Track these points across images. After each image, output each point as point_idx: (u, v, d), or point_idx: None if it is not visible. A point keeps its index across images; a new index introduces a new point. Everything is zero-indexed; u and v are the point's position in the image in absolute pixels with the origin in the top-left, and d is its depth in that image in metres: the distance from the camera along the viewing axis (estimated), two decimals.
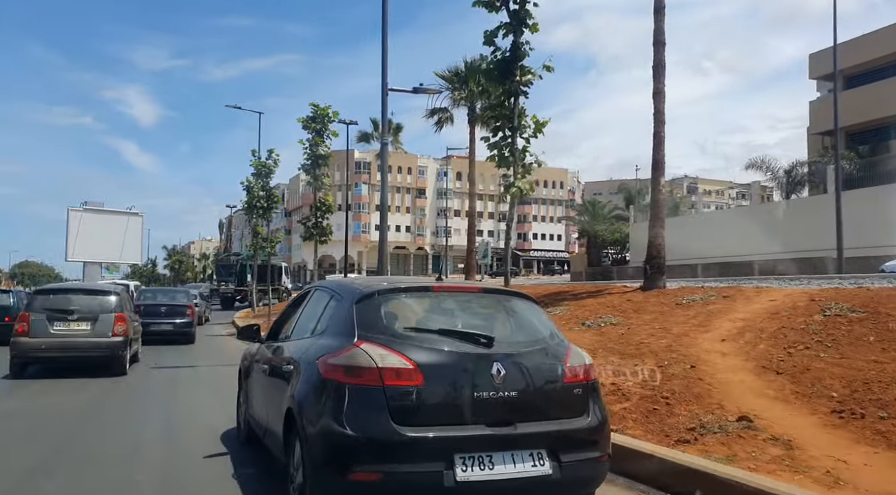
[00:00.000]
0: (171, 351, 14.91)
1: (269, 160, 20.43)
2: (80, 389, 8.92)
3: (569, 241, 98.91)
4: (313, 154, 14.79)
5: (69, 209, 35.35)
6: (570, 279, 45.66)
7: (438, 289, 3.82)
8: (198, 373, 10.95)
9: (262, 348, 5.26)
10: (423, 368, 3.14)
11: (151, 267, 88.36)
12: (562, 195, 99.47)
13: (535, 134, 8.94)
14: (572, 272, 51.61)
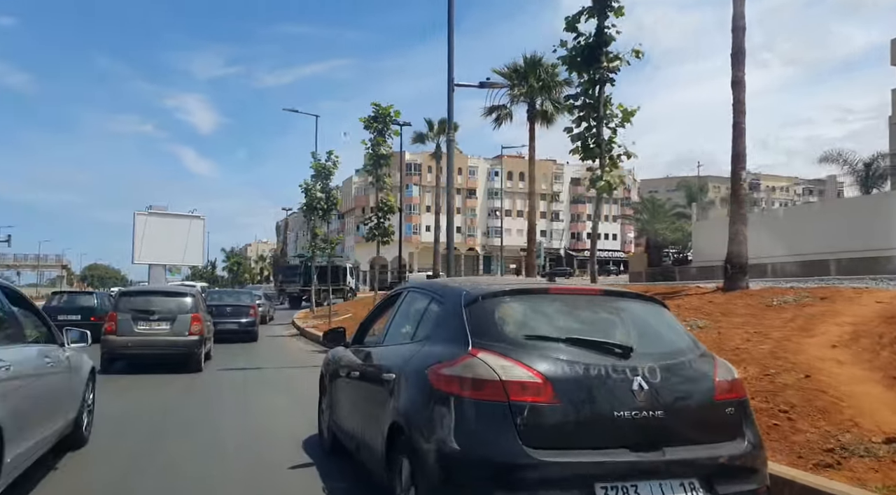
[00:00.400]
0: (236, 350, 15.01)
1: (328, 161, 20.51)
2: (161, 385, 9.35)
3: (625, 241, 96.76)
4: (375, 154, 14.60)
5: (135, 213, 36.55)
6: (628, 280, 44.37)
7: (555, 290, 3.44)
8: (266, 375, 10.88)
9: (348, 353, 5.00)
10: (552, 382, 2.77)
11: (211, 269, 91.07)
12: (617, 193, 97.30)
13: (623, 123, 8.39)
14: (631, 272, 50.11)
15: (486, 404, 2.76)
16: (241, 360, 13.30)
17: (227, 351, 15.13)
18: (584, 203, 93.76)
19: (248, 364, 12.59)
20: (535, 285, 3.55)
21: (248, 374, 10.98)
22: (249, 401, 8.22)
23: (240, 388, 9.41)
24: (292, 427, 6.61)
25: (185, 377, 10.33)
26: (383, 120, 14.52)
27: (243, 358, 13.90)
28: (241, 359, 13.66)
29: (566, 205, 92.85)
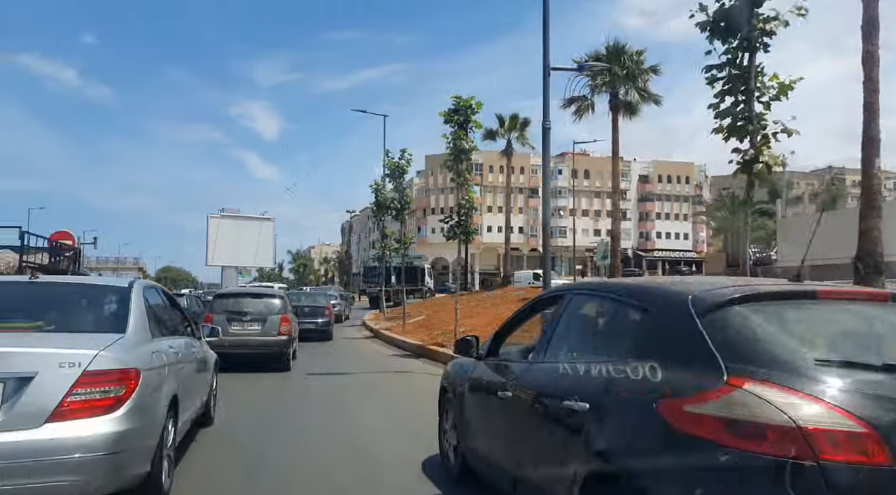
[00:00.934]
0: (315, 351, 14.60)
1: (401, 160, 19.99)
2: (253, 386, 9.22)
3: (696, 241, 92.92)
4: (456, 148, 13.85)
5: (209, 216, 37.36)
6: None
7: (826, 294, 2.52)
8: (354, 381, 10.29)
9: (484, 368, 4.23)
10: (884, 433, 1.88)
11: (278, 270, 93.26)
12: (688, 190, 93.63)
13: (779, 96, 7.23)
14: (708, 273, 47.86)
15: (774, 462, 1.89)
16: (323, 363, 12.82)
17: (306, 351, 14.75)
18: (652, 201, 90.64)
19: (333, 367, 12.08)
20: (793, 287, 2.63)
21: (336, 380, 10.44)
22: (346, 412, 7.59)
23: (331, 395, 8.84)
24: (399, 445, 5.91)
25: (275, 379, 10.16)
26: (464, 112, 13.76)
27: (325, 360, 13.44)
28: (323, 361, 13.19)
29: (634, 203, 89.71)
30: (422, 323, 20.71)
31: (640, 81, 19.43)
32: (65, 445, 3.08)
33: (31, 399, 3.11)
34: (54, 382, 3.16)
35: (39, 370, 3.16)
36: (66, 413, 3.14)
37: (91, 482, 3.16)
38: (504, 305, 20.85)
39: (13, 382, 3.13)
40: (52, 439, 3.07)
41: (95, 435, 3.15)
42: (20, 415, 3.08)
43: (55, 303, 4.24)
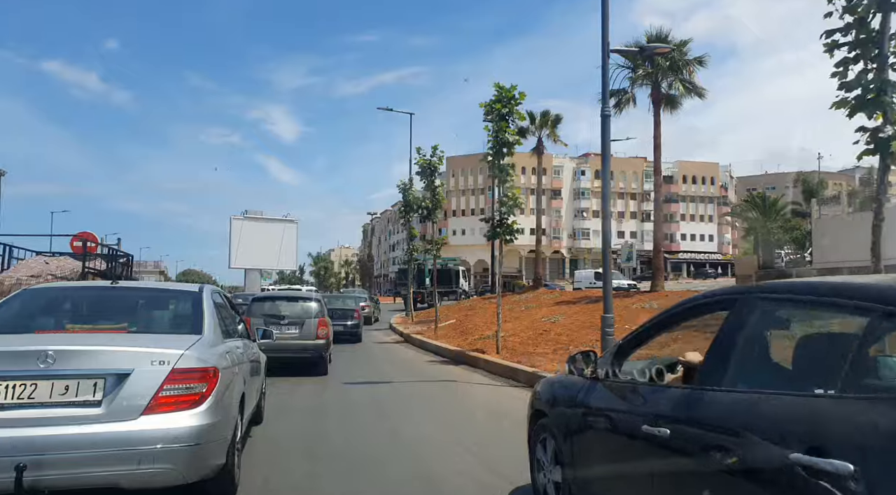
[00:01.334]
0: (348, 357, 13.84)
1: (433, 157, 19.20)
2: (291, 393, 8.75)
3: (721, 242, 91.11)
4: (498, 142, 12.98)
5: (231, 217, 36.84)
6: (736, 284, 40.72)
7: None
8: (398, 392, 9.45)
9: (607, 391, 3.36)
10: None
11: (299, 273, 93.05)
12: (713, 191, 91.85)
13: None
14: (738, 276, 46.08)
15: None
16: (359, 370, 12.03)
17: (337, 356, 14.00)
18: (676, 202, 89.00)
19: (370, 375, 11.28)
20: None
21: (376, 391, 9.61)
22: (399, 432, 6.75)
23: (377, 409, 8.02)
24: (474, 472, 5.06)
25: (312, 387, 9.56)
26: (507, 103, 12.91)
27: (360, 367, 12.65)
28: (357, 368, 12.40)
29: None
30: (454, 327, 19.88)
31: (685, 72, 18.40)
32: (158, 436, 3.37)
33: (129, 393, 3.40)
34: (148, 378, 3.45)
35: (135, 367, 3.45)
36: (158, 406, 3.43)
37: (179, 471, 3.43)
38: (540, 308, 19.93)
39: (112, 378, 3.41)
40: (147, 430, 3.35)
41: (183, 427, 3.44)
42: (120, 408, 3.36)
43: (135, 307, 4.65)
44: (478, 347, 14.01)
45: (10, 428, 3.17)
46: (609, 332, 9.12)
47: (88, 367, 3.40)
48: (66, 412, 3.29)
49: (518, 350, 13.00)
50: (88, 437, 3.26)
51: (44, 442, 3.18)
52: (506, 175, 13.18)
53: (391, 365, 13.51)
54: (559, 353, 11.69)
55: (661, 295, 17.79)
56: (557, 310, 18.29)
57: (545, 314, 18.09)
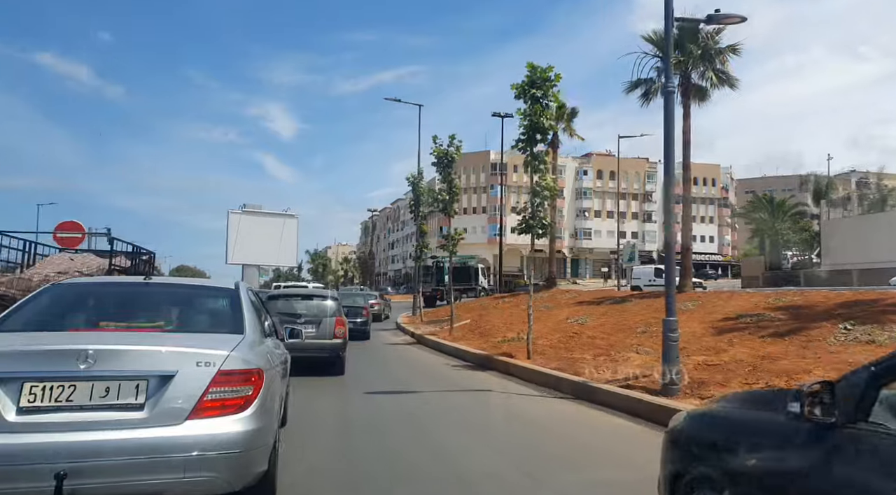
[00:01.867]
0: (362, 360, 12.68)
1: (450, 147, 18.02)
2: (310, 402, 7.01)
3: (722, 243, 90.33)
4: (532, 126, 11.85)
5: (229, 211, 35.42)
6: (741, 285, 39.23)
7: None
8: (429, 405, 8.27)
9: (862, 446, 2.19)
10: None
11: (297, 270, 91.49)
12: (714, 193, 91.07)
13: None
14: (744, 277, 45.08)
15: None
16: (377, 376, 10.90)
17: (351, 360, 12.86)
18: (678, 203, 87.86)
19: (392, 383, 10.16)
20: None
21: (404, 402, 8.45)
22: (450, 457, 5.59)
23: (414, 427, 6.85)
24: None
25: (331, 396, 8.50)
26: (541, 85, 11.78)
27: (377, 372, 11.50)
28: (375, 373, 11.26)
29: (660, 205, 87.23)
30: (470, 328, 18.74)
31: (718, 61, 17.24)
32: (205, 442, 3.13)
33: (174, 396, 3.16)
34: (193, 380, 3.21)
35: (179, 368, 3.21)
36: (204, 411, 3.20)
37: (225, 479, 3.19)
38: (561, 309, 18.81)
39: (156, 380, 3.17)
40: (194, 436, 3.11)
41: (230, 433, 3.20)
42: (165, 412, 3.12)
43: (170, 304, 4.37)
44: (504, 351, 12.87)
45: (49, 433, 2.95)
46: (673, 338, 7.99)
47: (131, 368, 3.16)
48: (108, 416, 3.07)
49: (551, 355, 11.87)
50: (131, 443, 3.02)
51: (84, 448, 2.95)
52: (540, 163, 12.04)
53: (410, 370, 12.36)
54: (601, 360, 10.57)
55: (691, 296, 16.69)
56: (581, 310, 17.16)
57: (568, 315, 16.97)
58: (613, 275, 75.58)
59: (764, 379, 7.57)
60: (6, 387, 3.00)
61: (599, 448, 6.11)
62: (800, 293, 13.84)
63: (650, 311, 15.26)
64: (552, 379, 9.61)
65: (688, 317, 13.46)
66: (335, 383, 9.95)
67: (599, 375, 9.32)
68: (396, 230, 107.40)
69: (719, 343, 10.44)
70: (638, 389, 8.15)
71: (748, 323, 11.55)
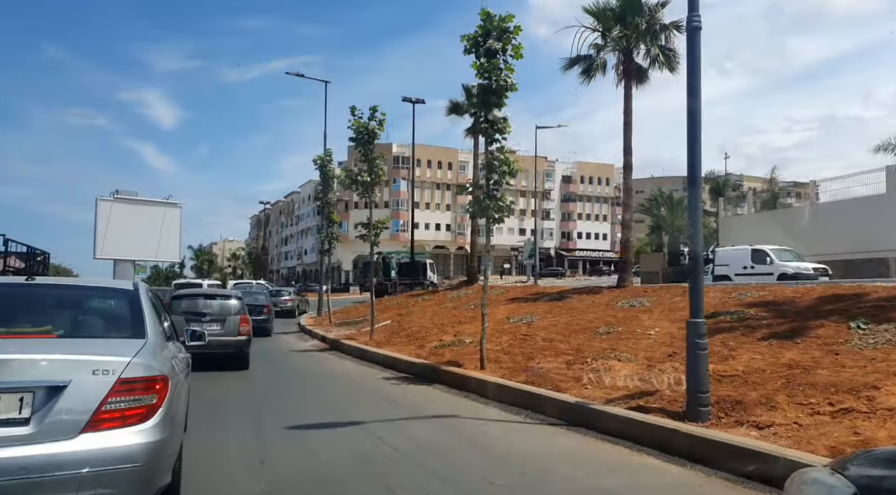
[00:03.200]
0: (274, 373, 10.09)
1: (371, 121, 15.58)
2: (210, 442, 4.40)
3: (615, 241, 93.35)
4: (487, 88, 9.74)
5: (98, 198, 30.33)
6: (640, 281, 39.28)
7: None
8: (389, 447, 5.89)
9: None
10: None
11: (180, 267, 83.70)
12: (607, 192, 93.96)
13: None
14: (643, 272, 45.57)
15: None
16: (301, 401, 8.40)
17: (258, 370, 10.22)
18: (574, 201, 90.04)
19: (325, 411, 7.71)
20: None
21: (351, 442, 6.02)
22: None
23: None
24: None
25: (246, 439, 5.76)
26: (499, 35, 9.69)
27: (300, 395, 8.97)
28: (298, 396, 8.73)
29: (557, 203, 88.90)
30: (392, 329, 16.40)
31: (663, 37, 15.98)
32: (102, 457, 2.89)
33: (66, 408, 2.93)
34: (89, 390, 2.98)
35: (73, 378, 2.98)
36: (101, 423, 2.97)
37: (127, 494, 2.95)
38: (493, 307, 16.86)
39: (43, 392, 2.93)
40: (88, 450, 2.88)
41: (131, 445, 2.97)
42: (55, 426, 2.89)
43: (59, 307, 4.08)
44: (448, 359, 10.72)
45: None
46: (701, 346, 6.13)
47: (13, 380, 2.90)
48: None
49: (507, 363, 9.84)
50: (15, 462, 2.76)
51: None
52: (497, 131, 9.94)
53: (337, 387, 9.90)
54: (577, 368, 8.67)
55: (637, 291, 15.35)
56: (520, 308, 15.33)
57: (507, 313, 15.09)
58: (514, 271, 75.79)
59: (820, 398, 5.88)
60: None
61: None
62: (759, 288, 12.73)
63: (600, 309, 13.70)
64: (525, 396, 7.60)
65: (651, 315, 11.94)
66: (242, 409, 7.35)
67: (588, 392, 7.39)
68: (291, 225, 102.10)
69: (713, 346, 8.82)
70: (654, 412, 6.26)
71: (732, 322, 10.13)
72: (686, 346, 6.30)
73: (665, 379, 7.48)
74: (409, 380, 10.14)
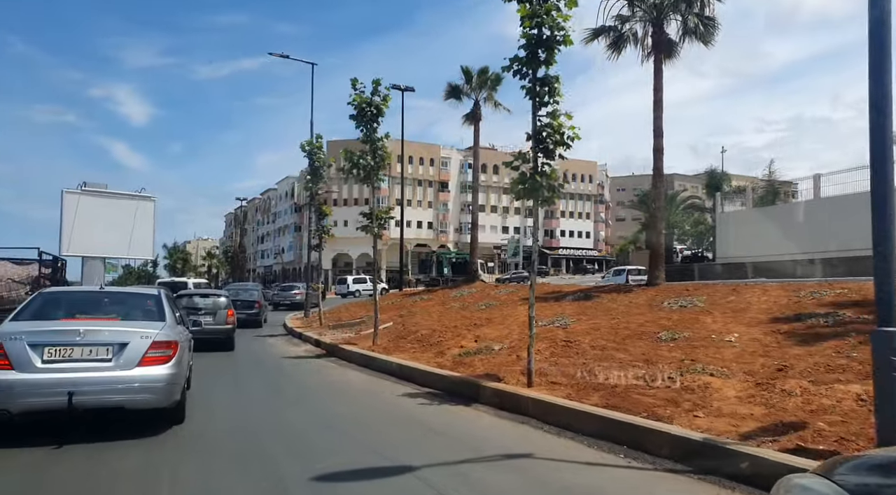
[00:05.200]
0: (268, 387, 8.15)
1: (374, 96, 13.01)
2: None
3: (598, 239, 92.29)
4: (537, 36, 7.92)
5: (64, 191, 27.58)
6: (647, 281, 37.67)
7: None
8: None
9: None
10: None
11: (152, 266, 79.94)
12: (591, 189, 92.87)
13: None
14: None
15: None
16: (318, 430, 6.54)
17: (258, 386, 8.29)
18: None
19: (354, 449, 5.88)
20: None
21: None
22: None
23: None
24: None
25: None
26: None
27: (313, 420, 7.09)
28: (311, 422, 6.85)
29: None
30: (397, 332, 14.50)
31: (698, 6, 14.26)
32: (146, 378, 5.74)
33: (127, 354, 5.71)
34: (138, 346, 5.78)
35: (130, 340, 5.78)
36: (145, 362, 5.76)
37: (158, 399, 5.82)
38: (508, 308, 15.07)
39: (117, 346, 5.71)
40: (139, 375, 5.71)
41: (160, 374, 5.80)
42: (123, 363, 5.68)
43: (118, 303, 6.89)
44: (484, 371, 8.88)
45: (63, 373, 5.46)
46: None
47: (104, 340, 5.70)
48: (92, 364, 5.59)
49: (559, 377, 8.03)
50: (105, 377, 5.59)
51: (80, 380, 5.47)
52: (549, 93, 8.12)
53: (354, 405, 8.01)
54: (661, 388, 6.94)
55: (677, 290, 13.67)
56: (546, 309, 13.49)
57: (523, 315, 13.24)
58: (497, 270, 73.91)
59: None
60: (35, 349, 5.46)
61: None
62: (833, 285, 11.13)
63: (643, 309, 12.03)
64: (613, 426, 5.84)
65: (713, 317, 10.26)
66: (247, 450, 5.41)
67: (703, 421, 5.64)
68: (267, 222, 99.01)
69: (827, 357, 7.13)
70: (825, 457, 4.53)
71: (828, 326, 8.47)
72: (873, 365, 4.54)
73: (797, 404, 5.75)
74: (438, 398, 8.28)
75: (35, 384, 5.31)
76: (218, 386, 9.19)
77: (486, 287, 22.60)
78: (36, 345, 5.41)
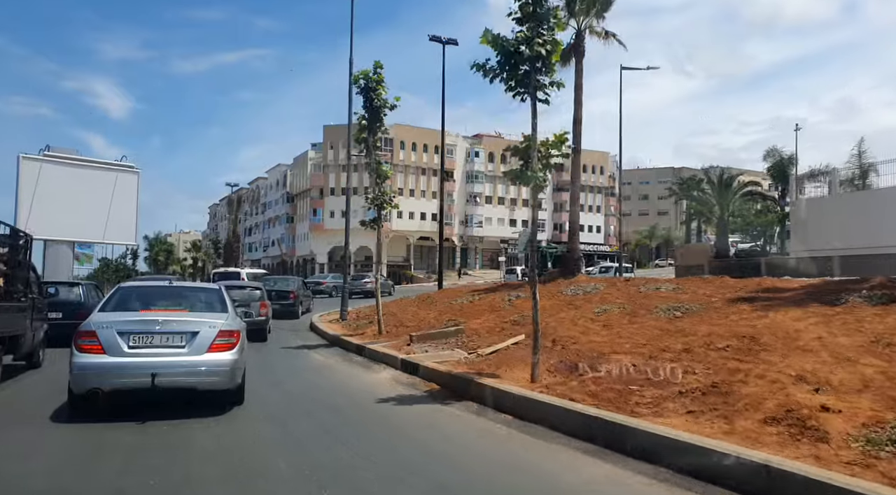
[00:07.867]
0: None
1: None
2: None
3: (608, 233, 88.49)
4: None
5: (21, 157, 22.41)
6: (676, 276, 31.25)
7: None
8: None
9: None
10: None
11: (132, 258, 74.60)
12: (602, 181, 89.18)
13: None
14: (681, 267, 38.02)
15: None
16: None
17: None
18: (566, 191, 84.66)
19: None
20: None
21: None
22: None
23: None
24: None
25: None
26: None
27: None
28: None
29: (549, 193, 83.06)
30: (558, 354, 8.65)
31: None
32: (215, 363, 6.57)
33: (198, 342, 6.58)
34: (207, 335, 6.64)
35: (200, 330, 6.66)
36: (213, 348, 6.61)
37: (224, 381, 6.65)
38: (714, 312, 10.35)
39: (189, 335, 6.59)
40: (209, 360, 6.55)
41: (226, 359, 6.63)
42: (194, 349, 6.54)
43: (187, 297, 7.91)
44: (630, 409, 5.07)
45: (146, 357, 6.38)
46: None
47: (178, 329, 6.61)
48: (169, 350, 6.49)
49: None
50: (181, 362, 6.45)
51: (161, 363, 6.37)
52: None
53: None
54: None
55: None
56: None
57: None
58: (504, 265, 69.63)
59: None
60: (122, 336, 6.41)
61: None
62: None
63: None
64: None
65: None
66: None
67: None
68: (256, 213, 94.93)
69: None
70: None
71: None
72: None
73: None
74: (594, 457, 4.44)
75: (124, 366, 6.36)
76: None
77: (579, 281, 17.88)
78: (123, 333, 6.42)
